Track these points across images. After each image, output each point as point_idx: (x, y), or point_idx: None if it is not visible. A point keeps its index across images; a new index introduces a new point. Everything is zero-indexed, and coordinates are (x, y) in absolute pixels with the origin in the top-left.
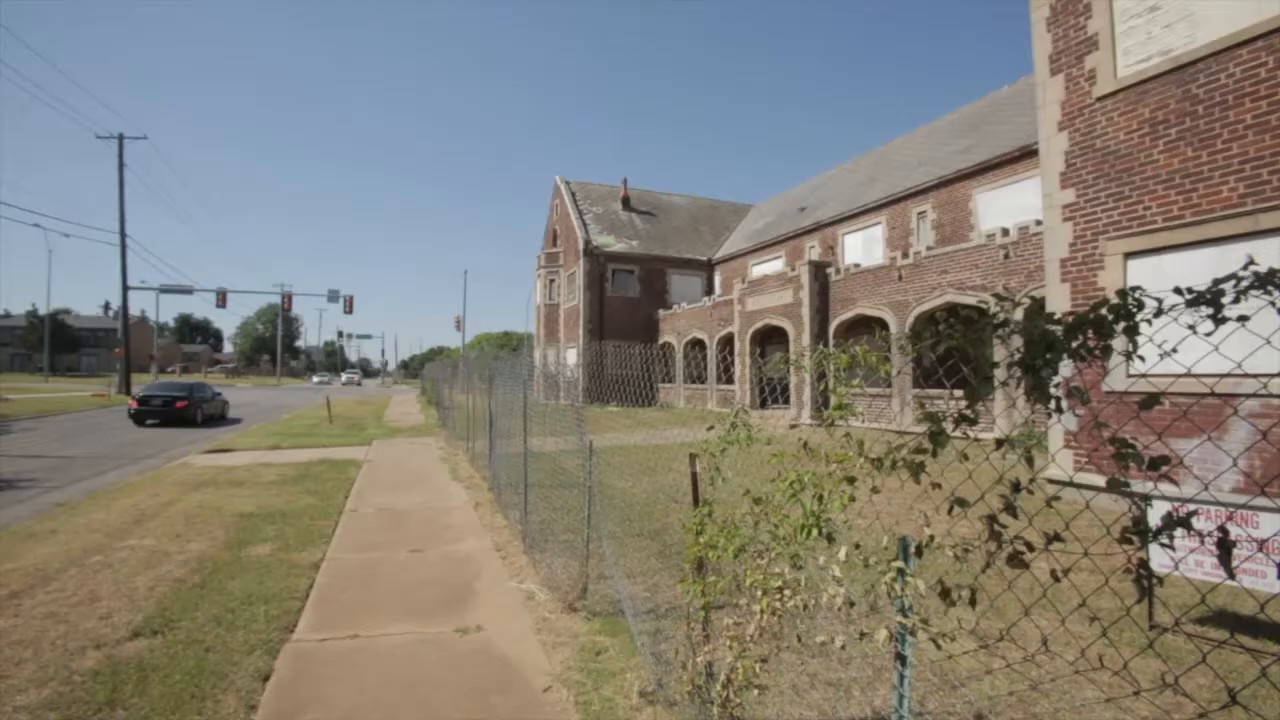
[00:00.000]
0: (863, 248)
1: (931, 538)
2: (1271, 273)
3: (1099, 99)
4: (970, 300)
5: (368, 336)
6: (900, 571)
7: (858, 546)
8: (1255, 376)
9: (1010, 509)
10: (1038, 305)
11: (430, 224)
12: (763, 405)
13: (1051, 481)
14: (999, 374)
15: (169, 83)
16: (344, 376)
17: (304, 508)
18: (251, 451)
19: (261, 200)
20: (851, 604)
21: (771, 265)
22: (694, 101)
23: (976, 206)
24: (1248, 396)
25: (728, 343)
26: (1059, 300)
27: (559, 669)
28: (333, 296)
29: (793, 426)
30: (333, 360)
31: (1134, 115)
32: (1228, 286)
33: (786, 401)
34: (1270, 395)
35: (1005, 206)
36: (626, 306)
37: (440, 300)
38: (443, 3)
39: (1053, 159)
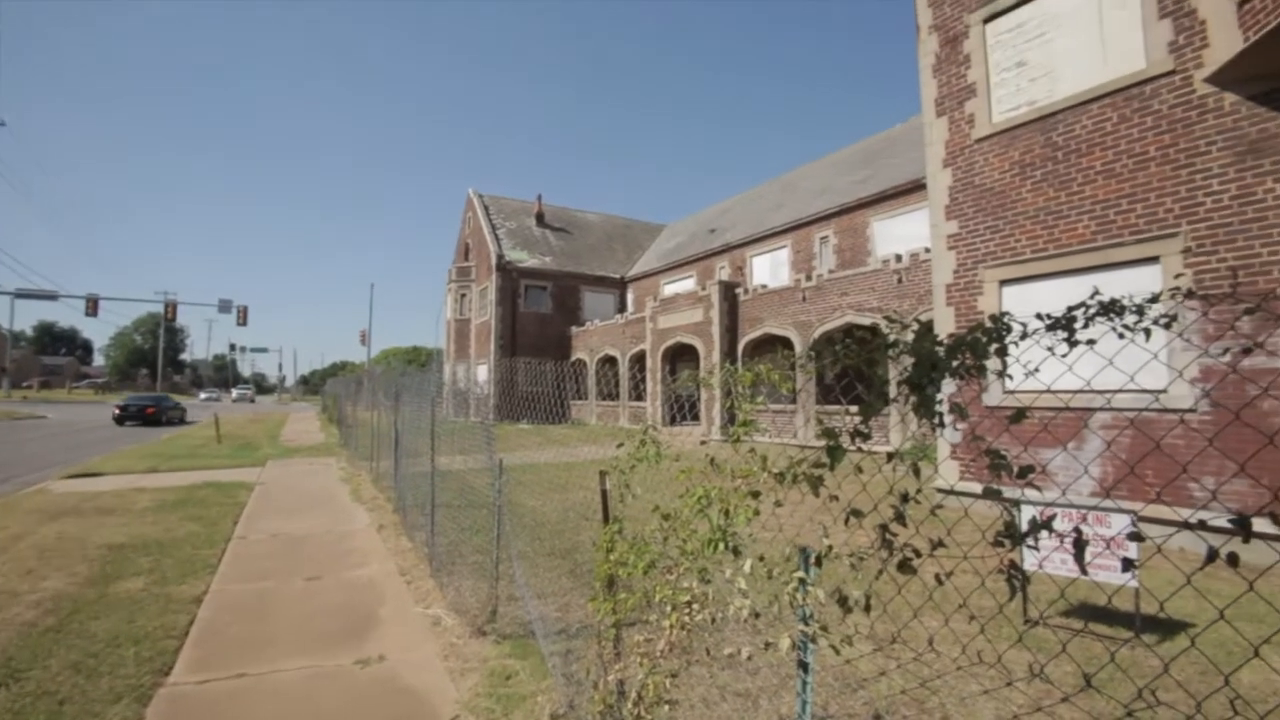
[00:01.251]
0: (770, 269)
1: (830, 548)
2: (1113, 302)
3: (977, 141)
4: (868, 321)
5: (263, 350)
6: (801, 581)
7: (762, 559)
8: (1101, 392)
9: (900, 518)
10: (925, 327)
11: (335, 235)
12: (674, 422)
13: (939, 491)
14: (892, 391)
15: (40, 64)
16: (235, 393)
17: (185, 536)
18: (123, 476)
19: (146, 203)
20: (757, 615)
21: (683, 284)
22: (611, 121)
23: (874, 233)
24: (1098, 410)
25: (640, 360)
26: (945, 322)
27: (467, 696)
28: (224, 307)
29: (703, 442)
30: (223, 375)
31: (1006, 157)
32: (1079, 314)
33: (697, 418)
34: (1115, 409)
35: (899, 234)
36: (539, 323)
37: (345, 313)
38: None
39: (938, 193)
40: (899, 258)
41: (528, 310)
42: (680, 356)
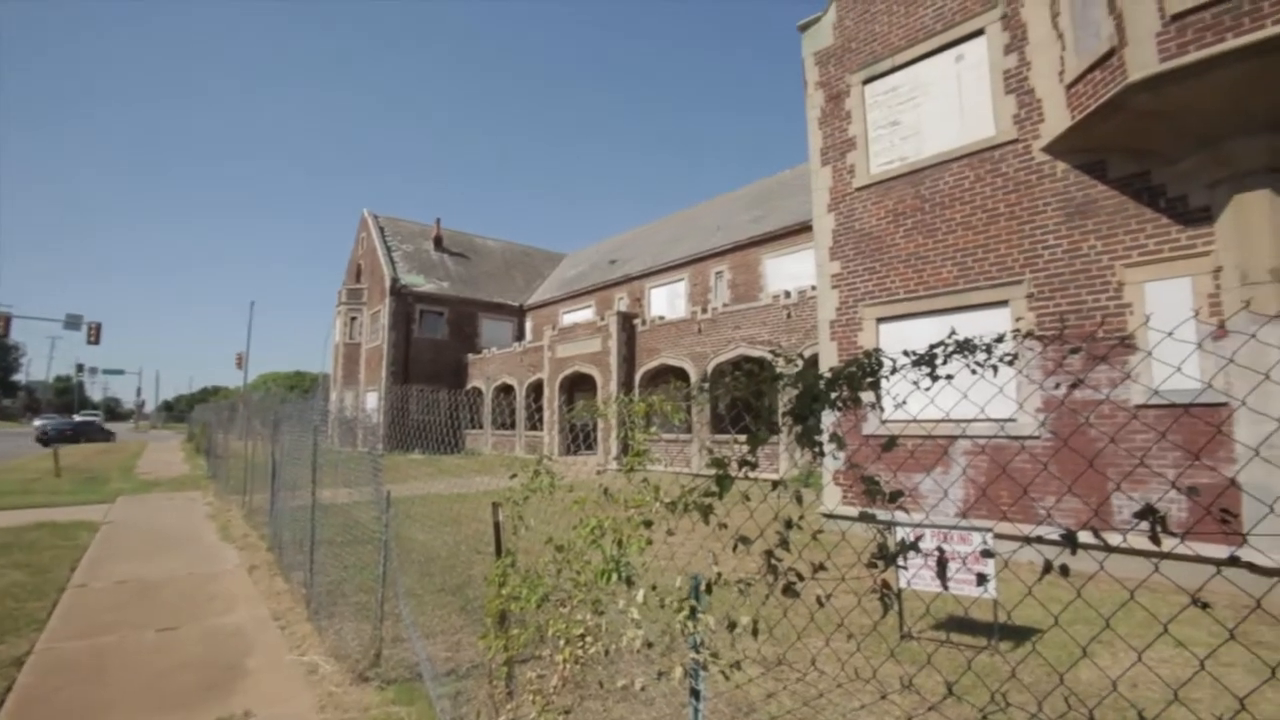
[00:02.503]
0: (667, 301)
1: (719, 575)
2: (966, 341)
3: (857, 189)
4: (759, 353)
5: (119, 372)
6: (692, 609)
7: (654, 588)
8: (958, 422)
9: (785, 544)
10: (808, 362)
11: (208, 249)
12: (571, 452)
13: (824, 515)
14: (780, 421)
15: None
16: (79, 419)
17: (6, 587)
18: None
19: None
20: (650, 645)
21: (582, 314)
22: (514, 149)
23: (766, 270)
24: (959, 438)
25: (537, 389)
26: (829, 356)
27: None
28: (73, 323)
29: (599, 472)
30: (66, 399)
31: (882, 205)
32: (939, 351)
33: (594, 448)
34: (972, 437)
35: (789, 272)
36: (434, 349)
37: (220, 335)
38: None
39: (823, 235)
40: (788, 294)
41: (422, 336)
42: (578, 386)
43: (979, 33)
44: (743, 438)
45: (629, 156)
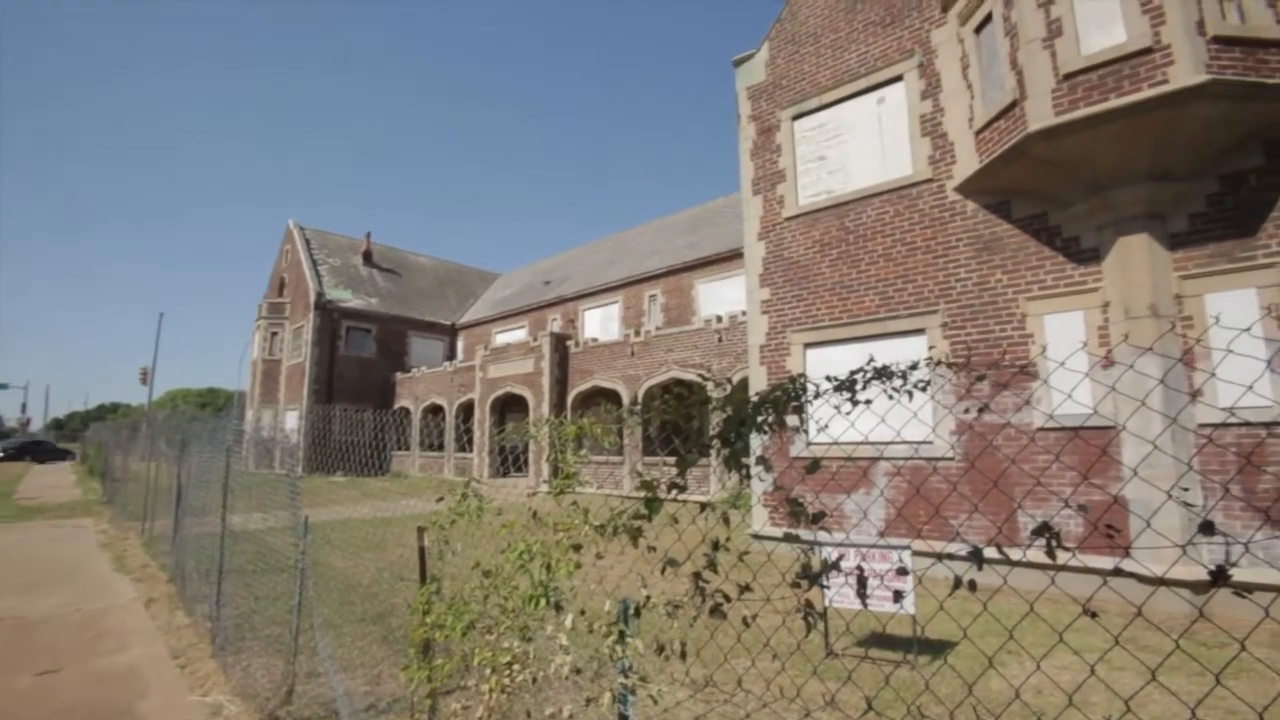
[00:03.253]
0: (601, 323)
1: (648, 598)
2: (884, 368)
3: (786, 219)
4: (691, 376)
5: (2, 386)
6: (621, 634)
7: (583, 613)
8: (875, 444)
9: (712, 565)
10: (738, 386)
11: (106, 251)
12: (502, 474)
13: (753, 536)
14: (711, 444)
15: None
16: None
17: None
18: None
19: None
20: (579, 671)
21: (515, 334)
22: (446, 168)
23: (698, 294)
24: (881, 460)
25: (468, 409)
26: (759, 380)
27: None
28: None
29: (531, 495)
30: None
31: (809, 236)
32: (859, 377)
33: (526, 469)
34: (892, 458)
35: (721, 297)
36: (361, 367)
37: (123, 348)
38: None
39: (754, 262)
40: (720, 319)
41: (349, 354)
42: (510, 407)
43: (898, 79)
44: (673, 460)
45: (565, 177)
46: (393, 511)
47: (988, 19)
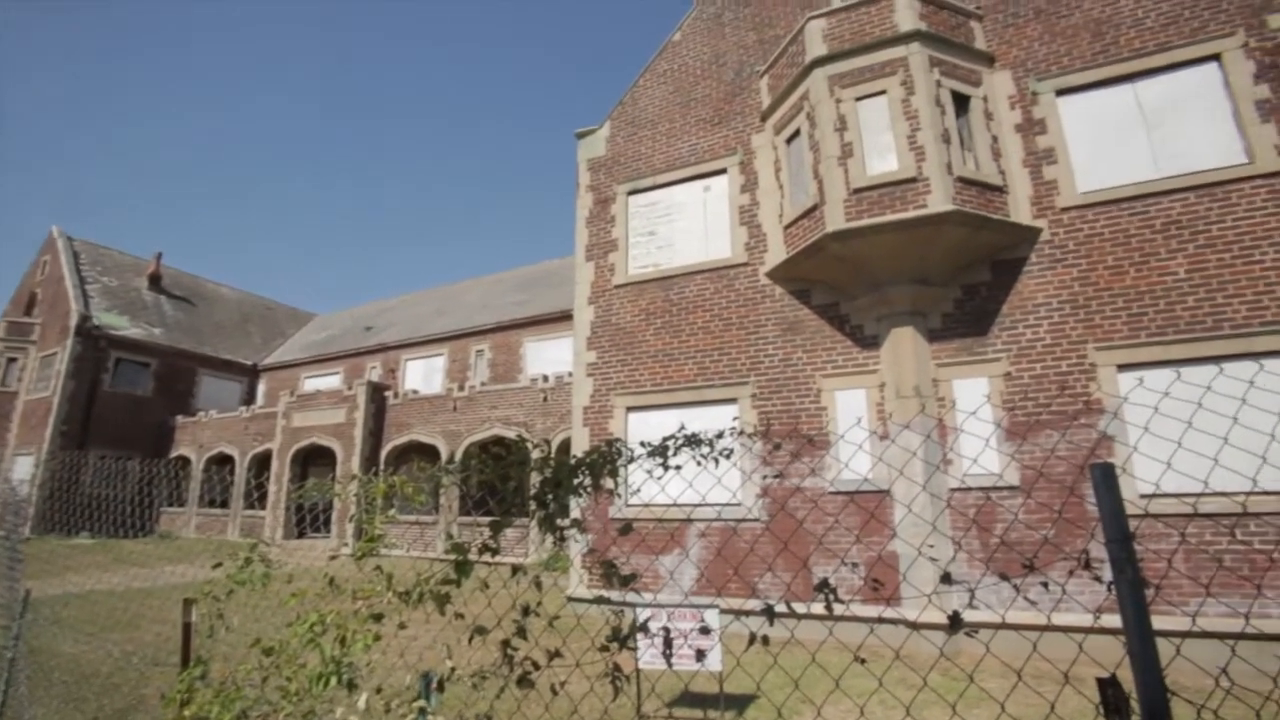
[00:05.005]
0: (424, 375)
1: (453, 669)
2: (693, 435)
3: (616, 287)
4: (514, 434)
5: None
6: (422, 711)
7: (380, 690)
8: (683, 506)
9: (521, 632)
10: (560, 447)
11: None
12: (301, 535)
13: (571, 599)
14: (530, 506)
15: None
16: None
17: None
18: None
19: None
20: None
21: (328, 380)
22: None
23: (526, 352)
24: (694, 521)
25: (264, 461)
26: (582, 441)
27: None
28: None
29: (333, 558)
30: None
31: (636, 304)
32: (670, 444)
33: (328, 530)
34: (702, 520)
35: (549, 356)
36: (131, 407)
37: None
38: None
39: (583, 325)
40: (546, 378)
41: (116, 390)
42: (315, 460)
43: (723, 171)
44: (487, 520)
45: (393, 222)
46: (154, 581)
47: (797, 133)
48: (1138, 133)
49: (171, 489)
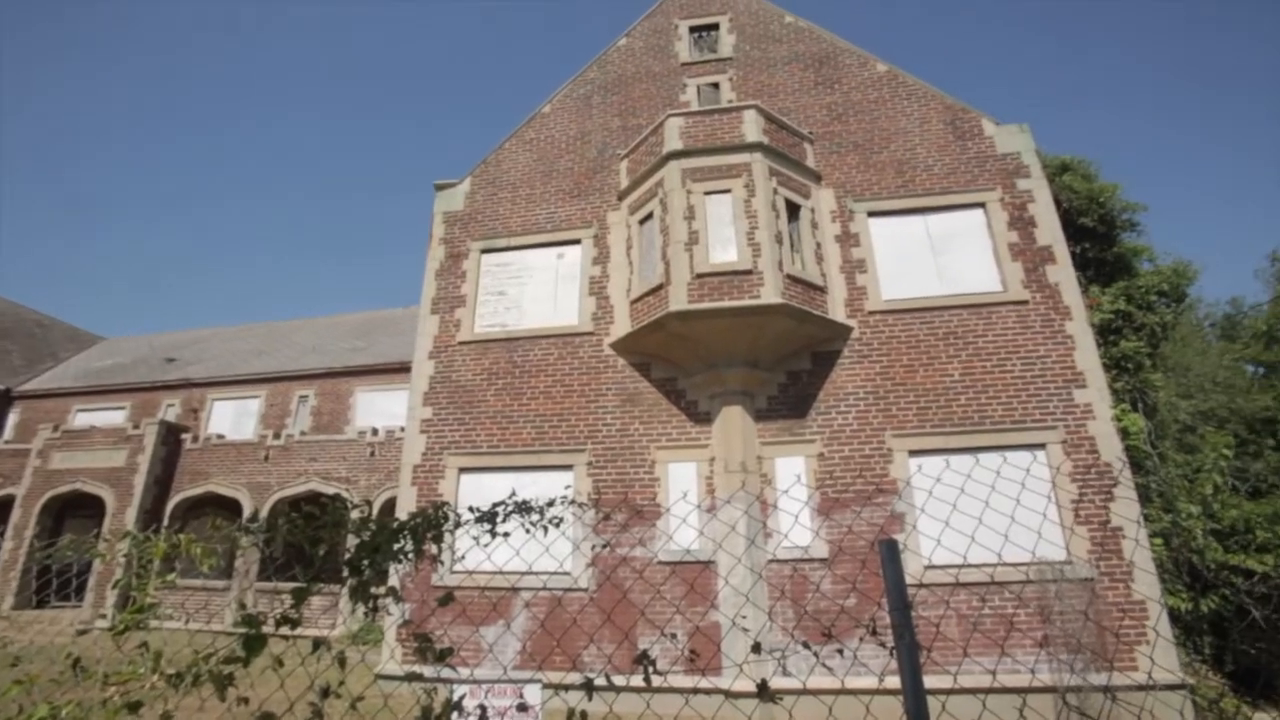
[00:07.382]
0: (234, 419)
1: None
2: (524, 502)
3: (460, 343)
4: (333, 491)
5: None
6: None
7: None
8: (508, 574)
9: (318, 717)
10: (381, 507)
11: None
12: (40, 604)
13: (381, 677)
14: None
15: None
16: None
17: None
18: None
19: None
20: None
21: (109, 415)
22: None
23: (357, 402)
24: (523, 590)
25: (3, 509)
26: (409, 502)
27: None
28: None
29: (82, 632)
30: None
31: (479, 363)
32: (500, 509)
33: (82, 597)
34: (530, 589)
35: (381, 408)
36: None
37: None
38: None
39: (420, 379)
40: (375, 431)
41: None
42: (75, 510)
43: (577, 241)
44: (289, 587)
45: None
46: None
47: (650, 215)
48: (927, 255)
49: None
